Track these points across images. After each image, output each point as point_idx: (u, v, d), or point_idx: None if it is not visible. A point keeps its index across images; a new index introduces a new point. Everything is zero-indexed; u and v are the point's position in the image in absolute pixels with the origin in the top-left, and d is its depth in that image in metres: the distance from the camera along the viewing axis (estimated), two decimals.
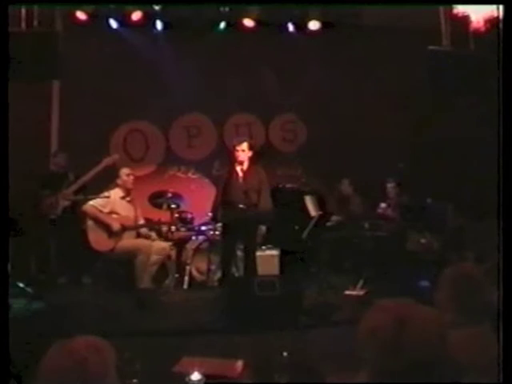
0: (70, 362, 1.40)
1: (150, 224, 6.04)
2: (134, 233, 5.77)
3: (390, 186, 6.81)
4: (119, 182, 5.82)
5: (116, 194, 5.79)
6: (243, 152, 5.49)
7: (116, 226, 5.52)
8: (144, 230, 5.88)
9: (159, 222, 6.08)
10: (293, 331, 4.42)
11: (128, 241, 5.60)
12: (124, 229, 5.59)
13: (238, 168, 5.53)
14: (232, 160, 5.56)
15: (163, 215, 6.25)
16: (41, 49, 4.67)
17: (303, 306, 4.77)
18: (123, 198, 5.82)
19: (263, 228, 5.71)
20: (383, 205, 6.79)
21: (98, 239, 5.50)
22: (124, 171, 5.88)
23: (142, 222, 5.98)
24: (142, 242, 5.67)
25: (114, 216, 5.65)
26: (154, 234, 5.92)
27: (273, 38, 7.39)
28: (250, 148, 5.59)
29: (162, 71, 7.42)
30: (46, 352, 1.45)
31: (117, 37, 7.23)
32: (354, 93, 7.60)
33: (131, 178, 5.89)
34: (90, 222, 5.54)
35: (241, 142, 5.59)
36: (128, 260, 5.50)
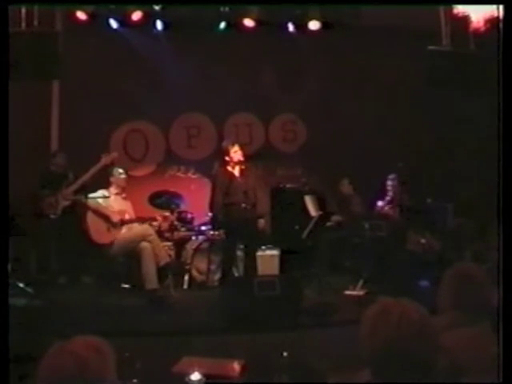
0: (70, 362, 1.40)
1: (148, 218, 6.00)
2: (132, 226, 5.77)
3: (390, 182, 6.79)
4: (112, 179, 5.84)
5: (111, 192, 5.82)
6: (237, 153, 5.52)
7: (115, 217, 5.54)
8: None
9: (155, 219, 6.06)
10: (293, 331, 4.42)
11: (128, 231, 5.59)
12: (122, 222, 5.59)
13: (235, 169, 5.54)
14: (226, 162, 5.58)
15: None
16: (41, 49, 4.67)
17: (303, 306, 4.77)
18: (118, 194, 5.84)
19: (262, 221, 5.71)
20: (380, 203, 6.79)
21: (98, 231, 5.51)
22: (118, 171, 5.91)
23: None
24: (141, 227, 5.64)
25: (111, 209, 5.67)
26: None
27: (273, 38, 7.38)
28: (242, 148, 5.62)
29: (162, 71, 7.41)
30: (46, 352, 1.46)
31: (117, 37, 7.23)
32: (353, 93, 7.59)
33: (123, 176, 5.91)
34: (90, 215, 5.55)
35: (233, 144, 5.63)
36: (128, 258, 5.51)
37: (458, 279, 2.21)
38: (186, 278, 6.17)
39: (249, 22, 7.18)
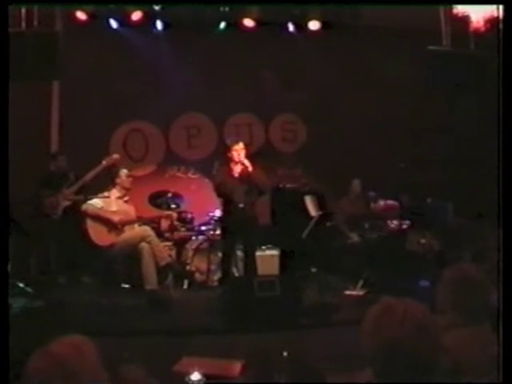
0: (49, 363, 1.42)
1: (149, 219, 6.01)
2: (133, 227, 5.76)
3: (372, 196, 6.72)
4: (118, 181, 5.82)
5: (113, 194, 5.80)
6: (237, 151, 5.50)
7: (116, 219, 5.52)
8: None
9: (158, 217, 6.06)
10: (293, 331, 4.42)
11: (127, 232, 5.59)
12: (123, 224, 5.59)
13: (236, 168, 5.53)
14: (227, 160, 5.57)
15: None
16: (41, 49, 4.67)
17: (303, 306, 4.76)
18: (120, 198, 5.82)
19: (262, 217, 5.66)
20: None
21: (99, 234, 5.50)
22: (124, 172, 5.89)
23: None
24: (140, 228, 5.65)
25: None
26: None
27: (273, 38, 7.39)
28: (246, 147, 5.61)
29: (162, 71, 7.41)
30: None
31: (117, 37, 7.23)
32: (353, 93, 7.59)
33: (130, 179, 5.91)
34: (90, 220, 5.54)
35: (237, 142, 5.61)
36: (128, 258, 5.50)
37: (458, 279, 2.21)
38: (186, 277, 6.17)
39: (249, 22, 7.18)
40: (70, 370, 1.42)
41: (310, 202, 6.51)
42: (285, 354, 2.87)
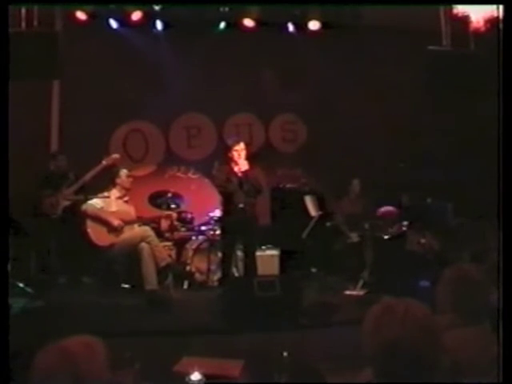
0: (60, 360, 1.43)
1: (149, 219, 6.01)
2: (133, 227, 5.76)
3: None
4: (118, 181, 5.82)
5: (113, 194, 5.80)
6: (237, 152, 5.50)
7: (116, 222, 5.52)
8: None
9: (158, 217, 6.07)
10: (293, 331, 4.42)
11: (127, 232, 5.58)
12: (123, 224, 5.59)
13: (236, 168, 5.53)
14: (229, 160, 5.57)
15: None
16: (41, 49, 4.67)
17: (303, 306, 4.76)
18: (120, 198, 5.82)
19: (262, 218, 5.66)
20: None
21: (98, 235, 5.50)
22: (124, 172, 5.90)
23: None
24: (140, 229, 5.65)
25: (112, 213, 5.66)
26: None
27: (273, 38, 7.39)
28: (246, 147, 5.61)
29: (162, 71, 7.42)
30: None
31: (117, 37, 7.24)
32: (354, 93, 7.59)
33: (130, 179, 5.91)
34: (89, 220, 5.54)
35: (238, 142, 5.61)
36: (128, 258, 5.50)
37: (458, 279, 2.21)
38: (186, 278, 6.17)
39: (249, 22, 7.19)
40: (81, 368, 1.44)
41: (309, 202, 6.51)
42: (285, 354, 2.87)
